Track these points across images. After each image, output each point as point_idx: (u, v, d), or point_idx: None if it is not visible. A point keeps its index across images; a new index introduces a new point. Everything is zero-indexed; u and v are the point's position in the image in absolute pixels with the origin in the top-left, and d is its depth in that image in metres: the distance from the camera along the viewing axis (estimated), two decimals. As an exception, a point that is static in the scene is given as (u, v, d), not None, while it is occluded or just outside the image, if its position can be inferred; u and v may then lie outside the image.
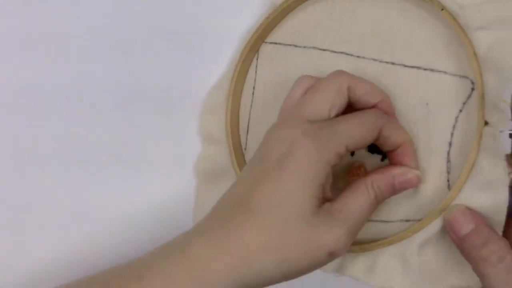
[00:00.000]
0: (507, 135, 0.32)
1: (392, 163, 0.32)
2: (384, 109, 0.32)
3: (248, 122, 0.40)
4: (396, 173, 0.31)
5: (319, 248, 0.28)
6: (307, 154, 0.28)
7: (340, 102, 0.30)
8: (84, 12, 0.42)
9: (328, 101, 0.30)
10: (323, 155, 0.28)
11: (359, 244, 0.34)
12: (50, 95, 0.42)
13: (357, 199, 0.30)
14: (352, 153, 0.35)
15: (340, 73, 0.31)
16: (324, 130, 0.29)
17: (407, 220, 0.34)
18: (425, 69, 0.33)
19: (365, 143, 0.30)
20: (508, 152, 0.31)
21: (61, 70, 0.42)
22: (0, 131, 0.42)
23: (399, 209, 0.34)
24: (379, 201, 0.31)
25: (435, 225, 0.32)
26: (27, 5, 0.42)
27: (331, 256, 0.29)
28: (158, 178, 0.42)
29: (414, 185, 0.32)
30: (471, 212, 0.30)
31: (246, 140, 0.40)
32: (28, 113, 0.42)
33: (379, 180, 0.31)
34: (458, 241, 0.30)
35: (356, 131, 0.29)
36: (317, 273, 0.31)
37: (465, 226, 0.30)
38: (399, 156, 0.32)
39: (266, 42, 0.39)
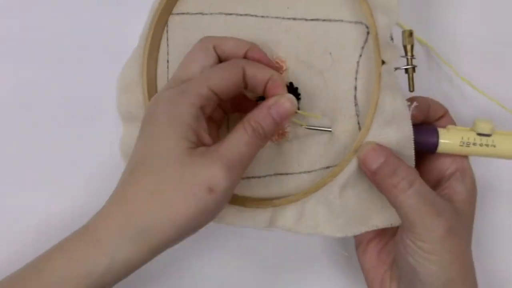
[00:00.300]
0: (403, 72, 0.34)
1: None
2: (255, 56, 0.33)
3: None
4: (270, 103, 0.31)
5: (197, 186, 0.28)
6: (168, 102, 0.30)
7: (209, 61, 0.32)
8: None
9: (197, 62, 0.32)
10: (184, 98, 0.30)
11: (285, 197, 0.35)
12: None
13: (234, 137, 0.30)
14: None
15: (204, 38, 0.34)
16: (186, 82, 0.31)
17: (327, 167, 0.35)
18: (323, 20, 0.34)
19: (229, 84, 0.31)
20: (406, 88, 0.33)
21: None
22: None
23: (319, 158, 0.35)
24: (261, 135, 0.31)
25: (352, 166, 0.33)
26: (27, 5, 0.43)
27: (212, 192, 0.28)
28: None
29: (290, 109, 0.31)
30: (380, 146, 0.32)
31: None
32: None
33: (256, 115, 0.31)
34: (371, 175, 0.32)
35: (216, 73, 0.31)
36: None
37: (376, 160, 0.31)
38: (270, 90, 0.32)
39: (173, 14, 0.39)
